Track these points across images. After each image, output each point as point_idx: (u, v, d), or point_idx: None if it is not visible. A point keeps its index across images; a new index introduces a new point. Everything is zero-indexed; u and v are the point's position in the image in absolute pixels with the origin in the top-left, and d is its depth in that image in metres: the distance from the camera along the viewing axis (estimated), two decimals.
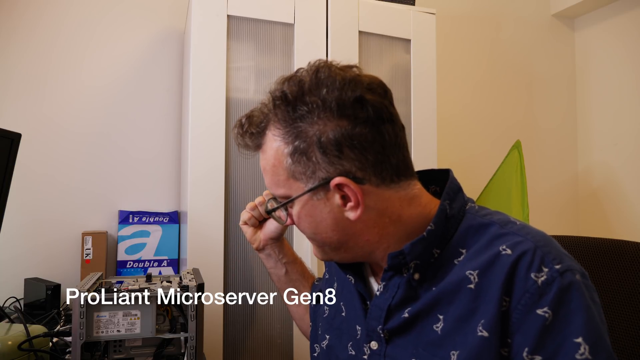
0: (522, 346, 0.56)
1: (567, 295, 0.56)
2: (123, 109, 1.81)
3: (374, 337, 0.70)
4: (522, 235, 0.62)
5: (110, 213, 1.76)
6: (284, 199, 0.69)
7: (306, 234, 0.71)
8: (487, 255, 0.62)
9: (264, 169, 0.70)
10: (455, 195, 0.70)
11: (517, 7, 2.54)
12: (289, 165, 0.65)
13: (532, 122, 2.53)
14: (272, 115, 0.67)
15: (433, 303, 0.65)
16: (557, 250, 0.61)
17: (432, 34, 1.71)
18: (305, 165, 0.64)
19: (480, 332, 0.59)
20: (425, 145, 1.68)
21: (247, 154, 0.74)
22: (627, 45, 2.37)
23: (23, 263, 1.64)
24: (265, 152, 0.69)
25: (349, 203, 0.65)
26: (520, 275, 0.58)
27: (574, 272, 0.58)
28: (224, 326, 1.39)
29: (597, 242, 0.94)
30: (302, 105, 0.63)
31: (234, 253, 1.43)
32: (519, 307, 0.57)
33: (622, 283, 0.86)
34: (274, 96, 0.66)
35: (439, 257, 0.66)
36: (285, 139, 0.65)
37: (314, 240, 0.72)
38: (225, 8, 1.45)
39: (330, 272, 0.91)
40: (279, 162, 0.66)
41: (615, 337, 0.85)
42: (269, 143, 0.67)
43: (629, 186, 2.33)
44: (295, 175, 0.66)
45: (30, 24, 1.71)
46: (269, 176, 0.69)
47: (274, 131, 0.67)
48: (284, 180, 0.67)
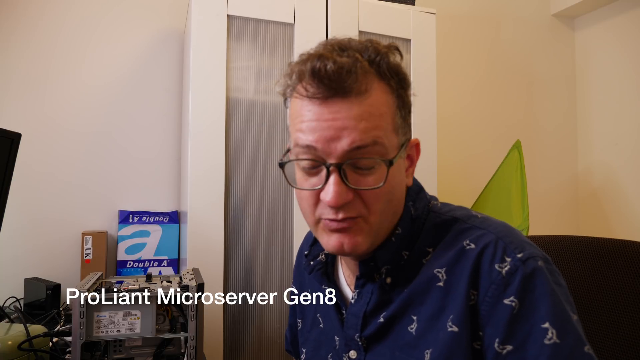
0: (493, 337, 0.57)
1: (532, 283, 0.57)
2: (123, 109, 1.81)
3: (353, 346, 0.70)
4: (484, 228, 0.63)
5: (110, 213, 1.76)
6: (382, 151, 0.61)
7: (382, 202, 0.62)
8: (453, 252, 0.63)
9: (367, 114, 0.60)
10: (417, 196, 0.70)
11: (517, 7, 2.54)
12: (398, 119, 0.64)
13: (532, 122, 2.53)
14: (382, 75, 0.63)
15: (406, 305, 0.65)
16: (519, 239, 0.61)
17: (432, 34, 1.71)
18: (404, 123, 0.66)
19: (450, 327, 0.60)
20: (425, 145, 1.66)
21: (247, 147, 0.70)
22: (627, 45, 2.37)
23: (23, 263, 1.64)
24: (371, 97, 0.61)
25: (409, 168, 0.69)
26: (485, 268, 0.59)
27: (536, 259, 0.58)
28: (224, 326, 1.40)
29: (597, 242, 0.94)
30: (399, 74, 0.65)
31: (234, 253, 1.43)
32: (487, 299, 0.58)
33: (622, 283, 0.86)
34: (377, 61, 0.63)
35: (407, 258, 0.67)
36: (395, 94, 0.64)
37: (384, 212, 0.63)
38: (225, 8, 1.45)
39: (302, 286, 0.87)
40: (390, 111, 0.63)
41: (615, 337, 0.85)
42: (378, 92, 0.62)
43: (629, 186, 2.33)
44: (397, 129, 0.64)
45: (30, 24, 1.71)
46: (374, 122, 0.60)
47: (384, 88, 0.63)
48: (390, 132, 0.62)
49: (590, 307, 0.89)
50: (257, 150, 1.47)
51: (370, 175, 0.61)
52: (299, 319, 0.86)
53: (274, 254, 1.47)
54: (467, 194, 2.10)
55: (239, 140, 1.45)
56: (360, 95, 0.60)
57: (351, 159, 0.59)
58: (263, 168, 1.47)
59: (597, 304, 0.89)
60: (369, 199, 0.61)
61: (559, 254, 0.97)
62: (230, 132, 1.44)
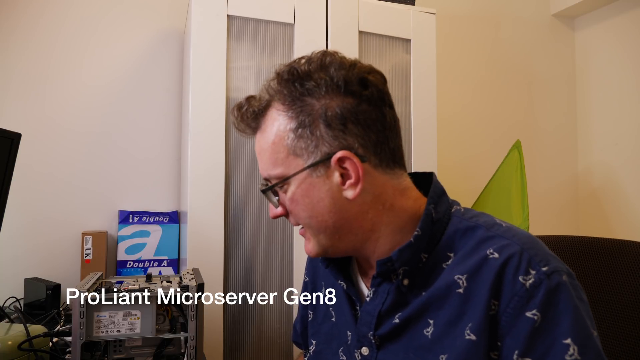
0: (512, 349, 0.57)
1: (555, 297, 0.57)
2: (123, 109, 1.81)
3: (365, 342, 0.70)
4: (509, 238, 0.62)
5: (110, 213, 1.76)
6: (279, 177, 0.67)
7: (300, 219, 0.68)
8: (475, 259, 0.62)
9: (260, 149, 0.69)
10: (439, 199, 0.69)
11: (517, 7, 2.54)
12: (291, 141, 0.65)
13: (532, 122, 2.53)
14: (277, 92, 0.66)
15: (423, 308, 0.65)
16: (544, 251, 0.61)
17: (432, 34, 1.71)
18: (308, 140, 0.65)
19: (468, 335, 0.59)
20: (425, 145, 1.68)
21: (247, 147, 0.74)
22: (627, 45, 2.37)
23: (23, 263, 1.64)
24: (265, 131, 0.68)
25: (348, 181, 0.65)
26: (508, 279, 0.59)
27: (561, 273, 0.58)
28: (224, 326, 1.40)
29: (597, 242, 0.94)
30: (310, 80, 0.65)
31: (234, 253, 1.43)
32: (508, 311, 0.58)
33: (622, 283, 0.86)
34: (281, 72, 0.67)
35: (427, 261, 0.66)
36: (290, 114, 0.65)
37: (309, 227, 0.69)
38: (225, 8, 1.45)
39: (315, 278, 0.87)
40: (280, 139, 0.66)
41: (615, 337, 0.85)
42: (270, 121, 0.67)
43: (629, 186, 2.33)
44: (296, 151, 0.65)
45: (30, 24, 1.71)
46: (266, 155, 0.68)
47: (278, 107, 0.66)
48: (283, 159, 0.66)
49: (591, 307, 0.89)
50: None
51: (284, 193, 0.68)
52: (311, 310, 0.86)
53: (274, 253, 1.47)
54: (467, 194, 2.10)
55: (239, 140, 1.45)
56: (259, 131, 0.70)
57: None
58: None
59: (597, 304, 0.89)
60: (292, 214, 0.70)
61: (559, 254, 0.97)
62: (230, 132, 1.44)
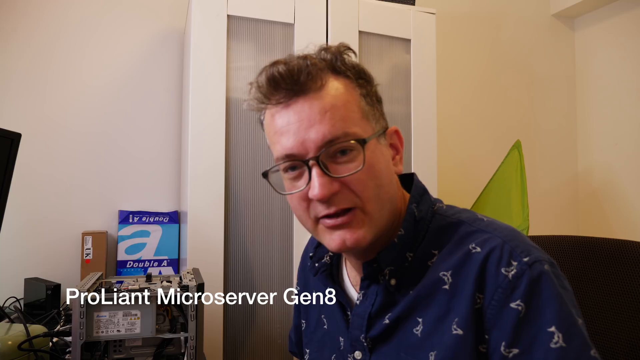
0: (499, 341, 0.57)
1: (538, 287, 0.57)
2: (123, 109, 1.81)
3: (358, 346, 0.70)
4: (490, 232, 0.63)
5: (110, 213, 1.76)
6: (354, 138, 0.62)
7: (367, 190, 0.62)
8: (459, 255, 0.63)
9: (329, 106, 0.62)
10: (421, 198, 0.70)
11: (517, 7, 2.54)
12: (364, 105, 0.65)
13: (532, 122, 2.53)
14: (338, 64, 0.66)
15: (411, 307, 0.65)
16: (525, 242, 0.62)
17: (432, 34, 1.71)
18: (373, 108, 0.67)
19: (455, 330, 0.60)
20: (425, 145, 1.68)
21: (247, 147, 0.72)
22: (627, 45, 2.36)
23: (23, 263, 1.64)
24: (330, 90, 0.63)
25: (396, 156, 0.69)
26: (491, 272, 0.59)
27: (543, 263, 0.58)
28: (224, 326, 1.40)
29: (597, 242, 0.94)
30: (357, 67, 0.68)
31: (234, 253, 1.43)
32: (493, 303, 0.58)
33: (622, 283, 0.86)
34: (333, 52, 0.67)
35: (412, 260, 0.67)
36: (356, 82, 0.67)
37: (375, 200, 0.63)
38: (225, 8, 1.45)
39: (306, 287, 0.87)
40: (353, 99, 0.64)
41: (616, 337, 0.85)
42: (335, 83, 0.64)
43: (629, 186, 2.33)
44: (367, 115, 0.65)
45: (30, 24, 1.71)
46: (339, 112, 0.62)
47: (342, 76, 0.66)
48: (358, 119, 0.64)
49: (590, 307, 0.89)
50: (257, 150, 1.47)
51: (351, 162, 0.62)
52: (303, 319, 0.86)
53: (274, 254, 1.47)
54: (467, 194, 2.10)
55: (239, 140, 1.45)
56: (319, 91, 0.62)
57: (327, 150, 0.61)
58: (263, 168, 1.47)
59: (597, 304, 0.89)
60: (356, 186, 0.62)
61: (559, 254, 0.97)
62: (230, 132, 1.44)
